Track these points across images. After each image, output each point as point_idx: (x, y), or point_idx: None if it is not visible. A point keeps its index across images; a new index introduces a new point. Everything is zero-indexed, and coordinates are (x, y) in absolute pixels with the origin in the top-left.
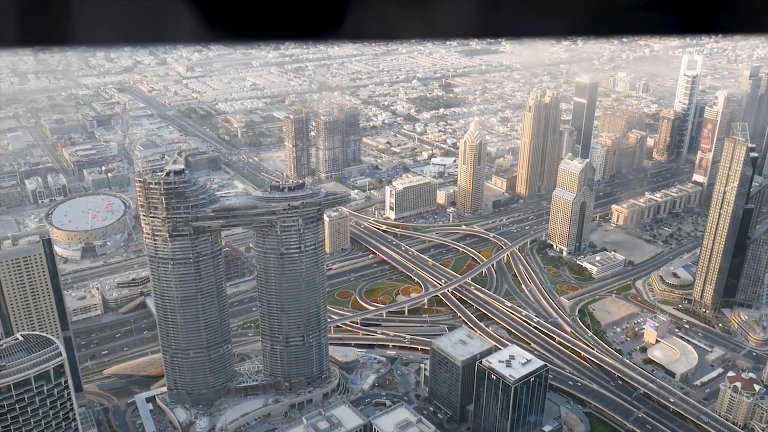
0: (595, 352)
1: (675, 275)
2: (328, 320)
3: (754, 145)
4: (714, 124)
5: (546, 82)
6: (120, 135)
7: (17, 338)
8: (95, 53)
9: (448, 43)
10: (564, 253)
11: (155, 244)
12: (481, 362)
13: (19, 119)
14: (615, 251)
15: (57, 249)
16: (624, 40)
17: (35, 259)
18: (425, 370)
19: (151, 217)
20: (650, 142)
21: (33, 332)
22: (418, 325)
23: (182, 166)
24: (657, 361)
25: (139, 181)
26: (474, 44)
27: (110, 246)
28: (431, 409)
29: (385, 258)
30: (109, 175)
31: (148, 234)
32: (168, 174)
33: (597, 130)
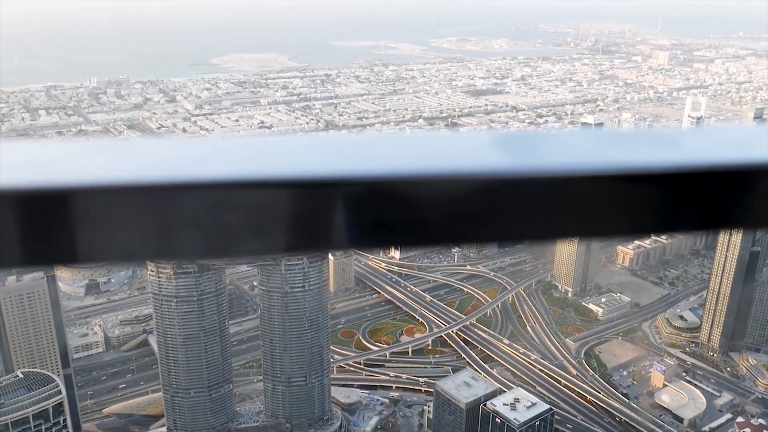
0: (601, 395)
1: (682, 318)
2: (331, 360)
3: None
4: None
5: (551, 122)
6: None
7: (17, 375)
8: (105, 91)
9: (453, 84)
10: (569, 294)
11: (159, 281)
12: (485, 405)
13: None
14: (621, 293)
15: (61, 285)
16: (628, 81)
17: (39, 295)
18: (429, 412)
19: None
20: None
21: (34, 369)
22: (422, 366)
23: None
24: (664, 405)
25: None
26: (480, 84)
27: (114, 283)
28: None
29: (389, 297)
30: None
31: (152, 271)
32: None
33: None
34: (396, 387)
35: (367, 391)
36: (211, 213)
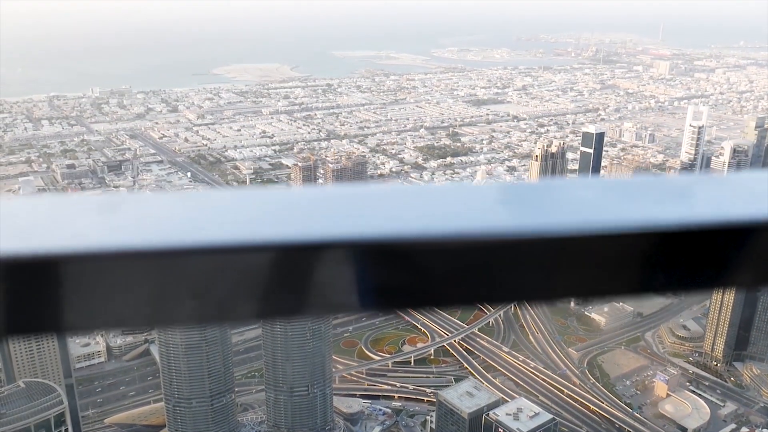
0: (604, 405)
1: (685, 327)
2: (333, 370)
3: None
4: (721, 174)
5: (552, 131)
6: (130, 180)
7: (19, 385)
8: (108, 101)
9: (454, 93)
10: (572, 304)
11: None
12: (488, 415)
13: (32, 164)
14: (623, 302)
15: None
16: (630, 91)
17: None
18: (431, 422)
19: None
20: None
21: (35, 379)
22: (425, 375)
23: None
24: (668, 415)
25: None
26: (481, 94)
27: None
28: None
29: None
30: None
31: None
32: None
33: None
34: (398, 397)
35: (370, 401)
36: (208, 278)
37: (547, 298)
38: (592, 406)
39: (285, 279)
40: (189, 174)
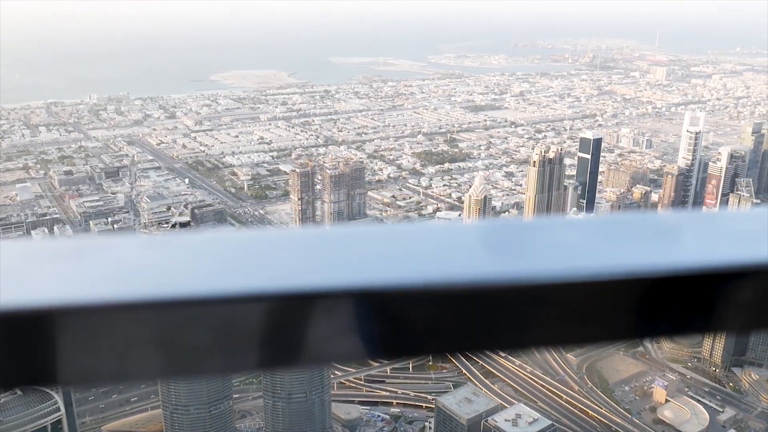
0: (603, 411)
1: None
2: (332, 376)
3: (759, 201)
4: (718, 179)
5: (550, 137)
6: (127, 187)
7: (16, 392)
8: (106, 107)
9: (452, 99)
10: None
11: None
12: (486, 421)
13: (29, 170)
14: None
15: None
16: (627, 97)
17: None
18: (430, 428)
19: None
20: (655, 197)
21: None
22: (423, 381)
23: (188, 218)
24: (667, 421)
25: (145, 233)
26: (478, 100)
27: None
28: None
29: None
30: (115, 226)
31: None
32: (174, 226)
33: (601, 185)
34: (396, 403)
35: (368, 407)
36: (193, 330)
37: (529, 347)
38: (590, 412)
39: (269, 331)
40: (187, 180)
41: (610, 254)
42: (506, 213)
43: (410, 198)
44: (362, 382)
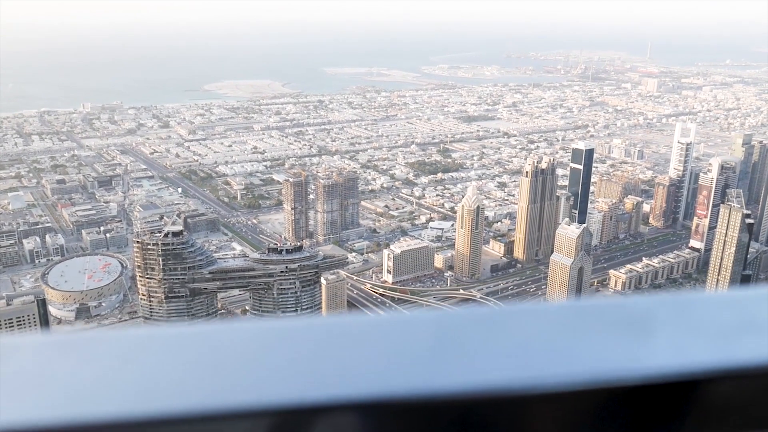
0: None
1: None
2: None
3: (749, 212)
4: (709, 190)
5: (543, 148)
6: (120, 196)
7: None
8: (99, 116)
9: (445, 110)
10: None
11: (150, 305)
12: None
13: (21, 179)
14: None
15: (51, 309)
16: (618, 108)
17: (29, 319)
18: None
19: (148, 278)
20: (646, 207)
21: None
22: None
23: (181, 228)
24: None
25: (137, 242)
26: (471, 111)
27: (105, 307)
28: None
29: None
30: (108, 235)
31: (143, 295)
32: (166, 235)
33: (594, 196)
34: None
35: None
36: None
37: None
38: None
39: None
40: (180, 189)
41: (572, 358)
42: (499, 223)
43: (403, 208)
44: None
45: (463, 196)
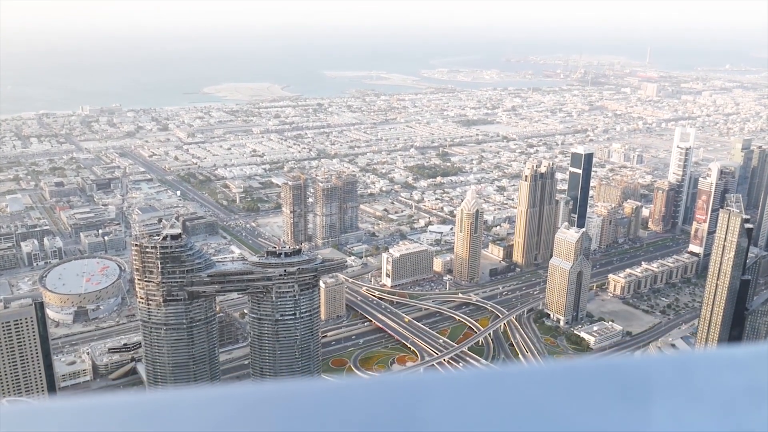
0: None
1: (674, 346)
2: None
3: (748, 217)
4: (708, 195)
5: (542, 152)
6: (119, 199)
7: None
8: (98, 119)
9: (444, 114)
10: (561, 323)
11: (149, 308)
12: None
13: (20, 182)
14: (613, 321)
15: (49, 312)
16: (618, 112)
17: (26, 322)
18: None
19: (146, 281)
20: (645, 212)
21: (20, 398)
22: None
23: (179, 231)
24: None
25: (136, 245)
26: (470, 114)
27: (103, 310)
28: None
29: (380, 326)
30: (106, 238)
31: (142, 298)
32: (165, 238)
33: (593, 200)
34: None
35: None
36: None
37: None
38: None
39: None
40: (179, 192)
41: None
42: (498, 227)
43: (402, 211)
44: None
45: (462, 200)
